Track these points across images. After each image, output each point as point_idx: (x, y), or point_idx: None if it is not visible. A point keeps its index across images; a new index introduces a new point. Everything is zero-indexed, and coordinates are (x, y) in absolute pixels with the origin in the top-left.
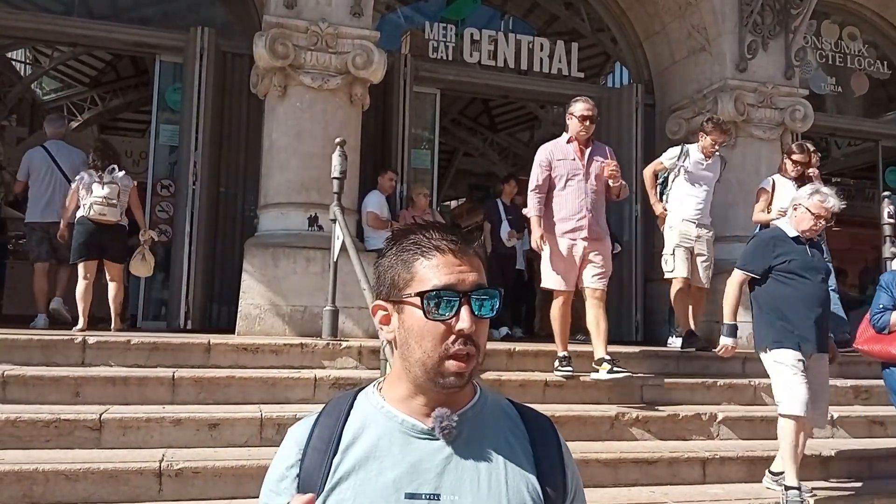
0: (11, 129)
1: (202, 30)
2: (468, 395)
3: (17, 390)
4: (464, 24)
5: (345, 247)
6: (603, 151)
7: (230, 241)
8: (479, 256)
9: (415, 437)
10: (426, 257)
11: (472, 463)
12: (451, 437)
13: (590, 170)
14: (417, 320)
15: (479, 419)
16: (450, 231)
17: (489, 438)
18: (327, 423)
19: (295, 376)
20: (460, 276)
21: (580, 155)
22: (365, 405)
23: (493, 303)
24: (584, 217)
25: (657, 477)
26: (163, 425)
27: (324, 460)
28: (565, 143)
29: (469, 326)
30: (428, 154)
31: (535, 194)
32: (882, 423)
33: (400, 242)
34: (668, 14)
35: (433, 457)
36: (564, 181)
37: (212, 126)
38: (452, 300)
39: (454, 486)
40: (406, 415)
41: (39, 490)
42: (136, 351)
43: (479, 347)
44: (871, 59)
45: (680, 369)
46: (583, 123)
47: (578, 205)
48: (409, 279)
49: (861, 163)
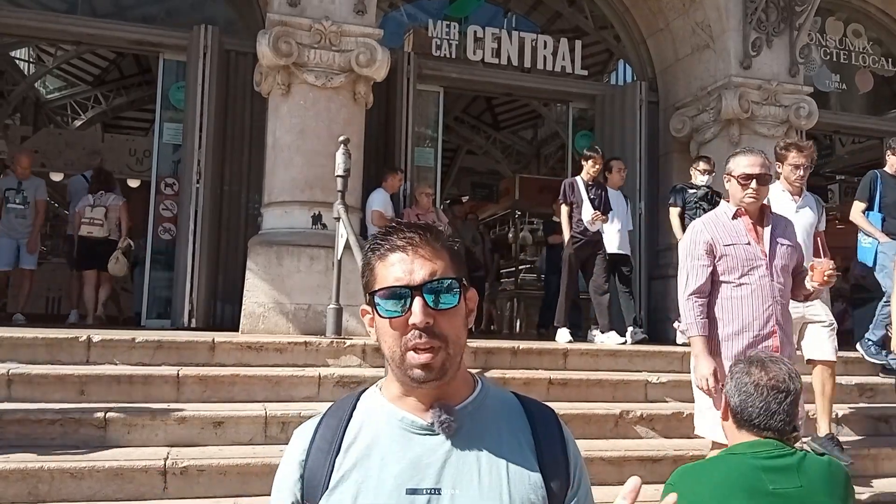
0: (15, 127)
1: (206, 28)
2: (467, 389)
3: (23, 388)
4: (467, 22)
5: (349, 245)
6: (787, 229)
7: (234, 240)
8: (445, 248)
9: (414, 434)
10: (381, 258)
11: (473, 457)
12: (451, 431)
13: (774, 260)
14: (379, 319)
15: (479, 413)
16: (411, 228)
17: (490, 432)
18: (330, 424)
19: (299, 374)
20: (411, 271)
21: (756, 236)
22: (367, 405)
23: (450, 293)
24: (772, 333)
25: (662, 475)
26: (167, 423)
27: (327, 460)
28: (730, 219)
29: (421, 319)
30: (431, 152)
31: (695, 300)
32: (887, 420)
33: (369, 246)
34: (672, 11)
35: (433, 452)
36: (738, 277)
37: (215, 124)
38: (403, 296)
39: (455, 481)
40: (405, 411)
41: (45, 488)
42: (140, 349)
43: (447, 339)
44: (876, 57)
45: (684, 367)
46: (746, 187)
47: (765, 314)
48: (372, 281)
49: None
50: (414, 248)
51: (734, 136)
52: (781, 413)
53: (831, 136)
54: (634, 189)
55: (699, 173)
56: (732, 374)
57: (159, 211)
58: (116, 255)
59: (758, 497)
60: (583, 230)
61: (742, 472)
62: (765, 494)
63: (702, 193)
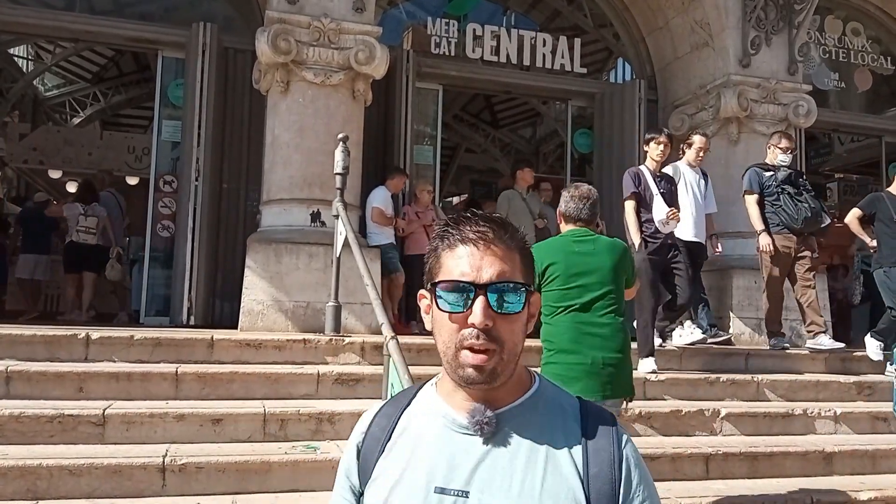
0: (14, 125)
1: (204, 25)
2: (519, 390)
3: (21, 385)
4: (466, 20)
5: (347, 242)
6: None
7: (233, 237)
8: (514, 247)
9: (455, 432)
10: (452, 248)
11: (508, 462)
12: (486, 433)
13: None
14: (438, 311)
15: (526, 417)
16: (485, 220)
17: (534, 438)
18: (388, 413)
19: (298, 372)
20: (479, 268)
21: None
22: (423, 397)
23: (515, 298)
24: None
25: (660, 473)
26: (166, 421)
27: (377, 447)
28: None
29: (481, 320)
30: (430, 150)
31: None
32: (885, 419)
33: (440, 231)
34: (671, 9)
35: (468, 452)
36: None
37: (214, 122)
38: (467, 292)
39: (484, 485)
40: (450, 408)
41: (43, 485)
42: (139, 346)
43: (504, 344)
44: (875, 55)
45: (683, 365)
46: None
47: None
48: (438, 269)
49: (864, 158)
50: (486, 243)
51: (733, 134)
52: (586, 209)
53: (830, 134)
54: None
55: (780, 151)
56: (563, 194)
57: (158, 208)
58: (112, 262)
59: (567, 252)
60: (654, 231)
61: (562, 241)
62: (572, 252)
63: (783, 175)
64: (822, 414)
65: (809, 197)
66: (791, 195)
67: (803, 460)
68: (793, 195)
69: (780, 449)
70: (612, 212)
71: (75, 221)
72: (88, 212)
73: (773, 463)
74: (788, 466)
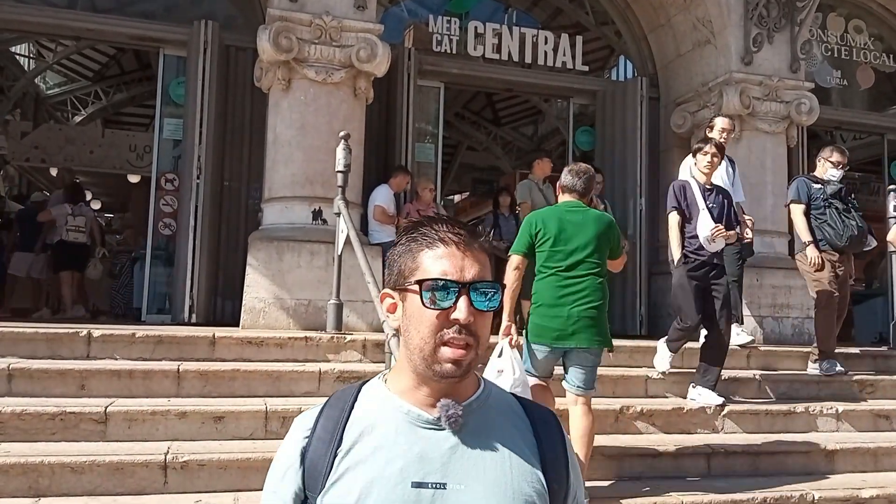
0: (16, 123)
1: (206, 23)
2: (472, 387)
3: (23, 383)
4: (468, 18)
5: (349, 240)
6: None
7: (234, 235)
8: (485, 251)
9: (420, 427)
10: (431, 248)
11: (478, 453)
12: (457, 426)
13: None
14: (418, 308)
15: (483, 411)
16: (457, 224)
17: (494, 430)
18: (331, 415)
19: (299, 370)
20: (461, 268)
21: None
22: (370, 396)
23: (494, 297)
24: None
25: (661, 470)
26: (168, 418)
27: (328, 451)
28: None
29: (466, 317)
30: (432, 148)
31: None
32: (887, 416)
33: (410, 233)
34: (673, 7)
35: (439, 446)
36: None
37: (216, 120)
38: (452, 290)
39: (460, 475)
40: (412, 405)
41: (45, 482)
42: (140, 344)
43: (479, 339)
44: (877, 52)
45: (684, 363)
46: None
47: None
48: (414, 268)
49: (866, 156)
50: (466, 245)
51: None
52: (581, 182)
53: (832, 132)
54: (635, 185)
55: (831, 165)
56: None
57: (160, 206)
58: (95, 261)
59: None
60: (697, 248)
61: (556, 210)
62: (563, 219)
63: (832, 190)
64: (824, 412)
65: (857, 216)
66: (839, 211)
67: (805, 458)
68: (840, 211)
69: (781, 447)
70: (612, 212)
71: (64, 221)
72: (76, 212)
73: (774, 460)
74: (790, 464)
